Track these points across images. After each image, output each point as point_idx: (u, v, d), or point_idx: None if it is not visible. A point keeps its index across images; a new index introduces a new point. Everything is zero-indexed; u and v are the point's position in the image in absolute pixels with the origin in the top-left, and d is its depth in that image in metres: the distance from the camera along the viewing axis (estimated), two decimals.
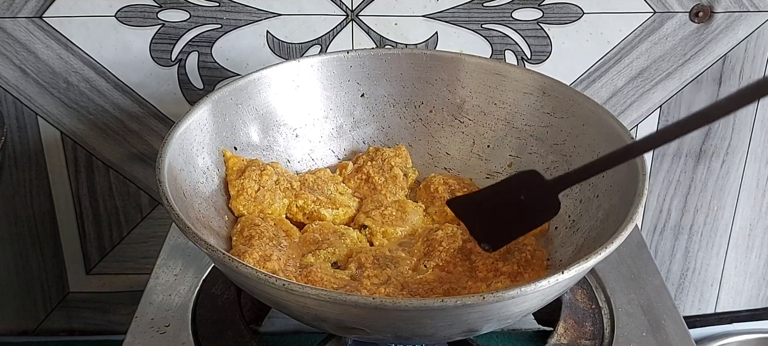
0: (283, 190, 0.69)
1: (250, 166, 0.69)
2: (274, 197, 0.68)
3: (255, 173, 0.68)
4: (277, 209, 0.69)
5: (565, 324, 0.66)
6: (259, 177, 0.68)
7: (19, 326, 1.06)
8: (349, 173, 0.74)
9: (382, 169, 0.74)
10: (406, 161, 0.75)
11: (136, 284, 1.02)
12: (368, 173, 0.73)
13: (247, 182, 0.68)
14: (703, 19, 0.88)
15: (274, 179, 0.69)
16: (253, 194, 0.68)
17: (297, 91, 0.75)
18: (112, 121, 0.92)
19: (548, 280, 0.50)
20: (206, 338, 0.65)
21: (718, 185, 0.99)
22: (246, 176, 0.68)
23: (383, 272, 0.62)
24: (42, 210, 0.98)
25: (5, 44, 0.87)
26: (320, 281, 0.60)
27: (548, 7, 0.87)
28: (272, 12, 0.87)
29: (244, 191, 0.68)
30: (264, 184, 0.68)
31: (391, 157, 0.74)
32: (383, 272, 0.62)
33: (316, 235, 0.67)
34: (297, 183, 0.71)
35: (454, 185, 0.72)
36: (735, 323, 1.09)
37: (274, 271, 0.60)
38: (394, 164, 0.74)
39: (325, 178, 0.73)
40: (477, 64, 0.76)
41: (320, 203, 0.70)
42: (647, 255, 0.76)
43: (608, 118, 0.66)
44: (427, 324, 0.52)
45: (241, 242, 0.63)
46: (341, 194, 0.72)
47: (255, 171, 0.68)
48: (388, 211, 0.70)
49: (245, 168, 0.69)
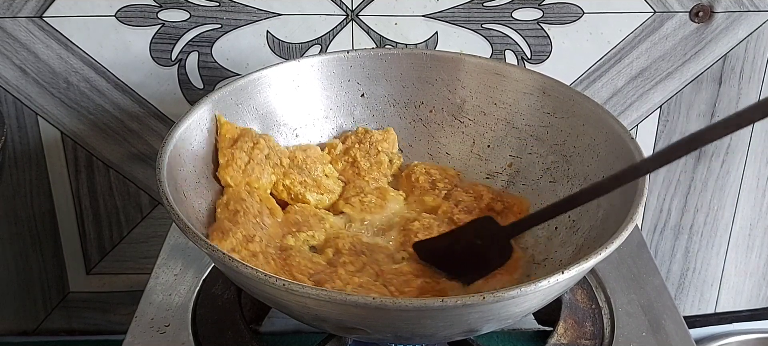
0: (272, 166, 0.69)
1: (242, 135, 0.68)
2: (263, 171, 0.68)
3: (247, 144, 0.68)
4: (263, 184, 0.68)
5: (565, 324, 0.66)
6: (250, 149, 0.68)
7: (19, 326, 1.06)
8: (338, 154, 0.75)
9: (369, 153, 0.74)
10: (393, 146, 0.76)
11: (136, 284, 1.02)
12: (355, 157, 0.74)
13: (238, 153, 0.67)
14: (703, 19, 0.88)
15: (265, 153, 0.69)
16: (243, 166, 0.67)
17: (297, 91, 0.75)
18: (112, 121, 0.92)
19: (548, 280, 0.50)
20: (206, 338, 0.65)
21: (718, 184, 0.99)
22: (238, 147, 0.67)
23: (359, 259, 0.62)
24: (42, 210, 0.98)
25: (5, 44, 0.87)
26: (297, 265, 0.61)
27: (548, 7, 0.87)
28: (272, 12, 0.87)
29: (234, 161, 0.67)
30: (254, 157, 0.68)
31: (379, 141, 0.75)
32: (359, 259, 0.62)
33: (298, 216, 0.67)
34: (287, 160, 0.71)
35: (435, 174, 0.73)
36: (735, 323, 1.09)
37: (256, 252, 0.60)
38: (381, 149, 0.75)
39: (314, 157, 0.73)
40: (477, 64, 0.76)
41: (306, 186, 0.70)
42: (647, 255, 0.76)
43: (608, 118, 0.66)
44: (427, 324, 0.52)
45: (227, 217, 0.63)
46: (327, 177, 0.73)
47: (247, 142, 0.68)
48: (368, 198, 0.70)
49: (238, 138, 0.68)
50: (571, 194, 0.59)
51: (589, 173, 0.66)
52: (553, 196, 0.69)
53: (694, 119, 0.94)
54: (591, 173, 0.66)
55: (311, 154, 0.73)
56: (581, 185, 0.67)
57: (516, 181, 0.73)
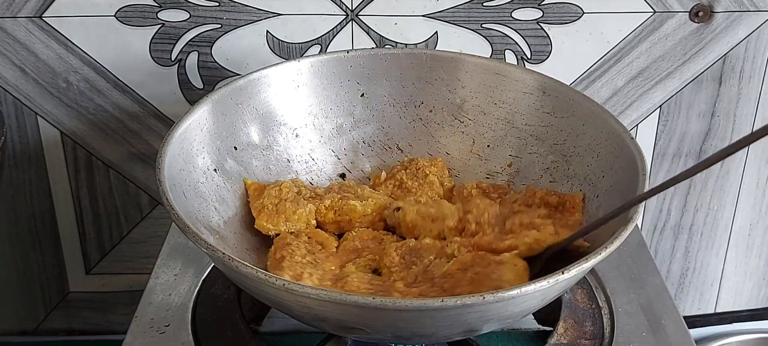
0: (307, 198, 0.68)
1: (269, 186, 0.69)
2: (297, 205, 0.67)
3: (274, 189, 0.68)
4: (303, 215, 0.67)
5: (565, 324, 0.66)
6: (278, 192, 0.68)
7: (19, 326, 1.06)
8: (382, 181, 0.73)
9: (416, 176, 0.73)
10: (443, 171, 0.74)
11: (136, 284, 1.02)
12: (401, 180, 0.73)
13: (267, 199, 0.67)
14: (703, 18, 0.88)
15: (295, 191, 0.68)
16: (274, 207, 0.66)
17: (297, 91, 0.75)
18: (112, 121, 0.92)
19: (548, 280, 0.50)
20: (206, 338, 0.65)
21: (718, 184, 0.99)
22: (266, 194, 0.68)
23: (410, 271, 0.60)
24: (42, 210, 0.98)
25: (5, 44, 0.87)
26: (357, 289, 0.58)
27: (548, 6, 0.87)
28: (272, 12, 0.87)
29: (265, 207, 0.66)
30: (285, 196, 0.67)
31: (426, 166, 0.73)
32: (410, 272, 0.60)
33: (356, 242, 0.66)
34: (321, 190, 0.70)
35: (487, 187, 0.71)
36: (735, 323, 1.09)
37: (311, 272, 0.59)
38: (429, 173, 0.73)
39: (352, 185, 0.72)
40: (477, 63, 0.76)
41: (348, 197, 0.68)
42: (647, 255, 0.76)
43: (608, 118, 0.66)
44: (426, 324, 0.52)
45: (272, 266, 0.61)
46: (369, 193, 0.71)
47: (274, 188, 0.68)
48: (423, 199, 0.69)
49: (265, 188, 0.69)
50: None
51: (589, 173, 0.66)
52: None
53: (694, 119, 0.94)
54: (591, 172, 0.66)
55: (348, 184, 0.72)
56: (581, 184, 0.67)
57: (516, 181, 0.73)
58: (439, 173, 0.74)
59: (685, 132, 0.95)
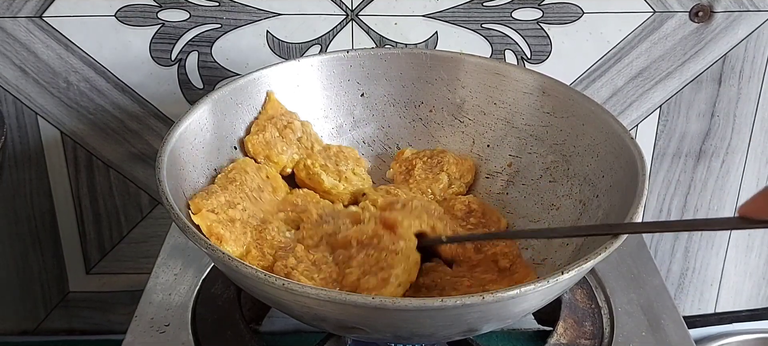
0: (301, 147, 0.70)
1: (282, 114, 0.71)
2: (286, 148, 0.69)
3: (282, 121, 0.70)
4: (284, 160, 0.70)
5: (565, 324, 0.66)
6: (282, 127, 0.70)
7: (19, 325, 1.06)
8: (403, 158, 0.74)
9: (431, 167, 0.72)
10: (464, 175, 0.73)
11: (136, 284, 1.02)
12: (414, 164, 0.73)
13: (270, 127, 0.69)
14: (703, 18, 0.88)
15: (297, 135, 0.70)
16: (268, 139, 0.69)
17: (297, 91, 0.75)
18: (112, 121, 0.92)
19: (548, 280, 0.50)
20: (206, 338, 0.65)
21: (718, 184, 0.99)
22: (272, 122, 0.70)
23: (319, 229, 0.63)
24: (42, 210, 0.98)
25: (5, 44, 0.87)
26: (269, 240, 0.61)
27: (548, 6, 0.87)
28: (272, 12, 0.87)
29: (264, 132, 0.69)
30: (285, 135, 0.70)
31: (449, 163, 0.72)
32: (318, 230, 0.63)
33: (298, 200, 0.67)
34: (318, 147, 0.72)
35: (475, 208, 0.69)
36: (735, 323, 1.09)
37: (234, 219, 0.61)
38: (446, 169, 0.72)
39: (349, 154, 0.73)
40: (477, 63, 0.76)
41: (326, 170, 0.70)
42: (647, 255, 0.76)
43: (608, 118, 0.66)
44: (426, 324, 0.52)
45: (221, 183, 0.64)
46: (355, 175, 0.72)
47: (282, 120, 0.70)
48: (416, 197, 0.68)
49: (277, 115, 0.70)
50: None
51: (589, 173, 0.66)
52: (553, 196, 0.69)
53: (694, 119, 0.94)
54: (590, 172, 0.66)
55: (347, 153, 0.73)
56: (581, 184, 0.67)
57: (515, 181, 0.73)
58: (457, 171, 0.72)
59: (685, 132, 0.95)
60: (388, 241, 0.58)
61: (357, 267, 0.58)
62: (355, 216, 0.64)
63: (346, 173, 0.71)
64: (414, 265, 0.58)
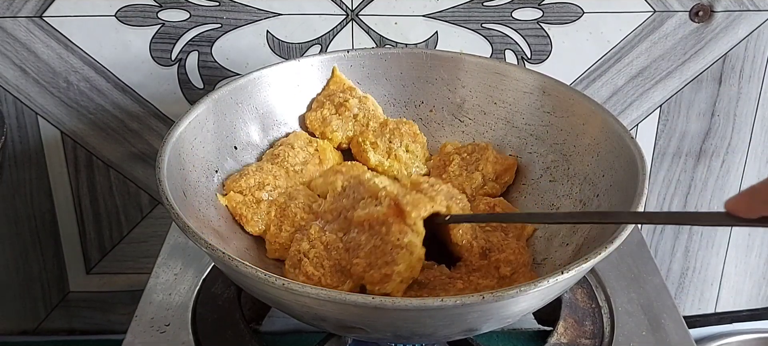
0: (356, 123, 0.73)
1: (343, 90, 0.73)
2: (342, 126, 0.72)
3: (341, 97, 0.72)
4: (338, 136, 0.72)
5: (565, 323, 0.66)
6: (339, 104, 0.72)
7: (19, 325, 1.06)
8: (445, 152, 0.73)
9: (468, 165, 0.71)
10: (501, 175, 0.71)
11: (136, 284, 1.02)
12: (451, 158, 0.72)
13: (327, 104, 0.72)
14: (703, 18, 0.88)
15: (353, 112, 0.72)
16: (325, 115, 0.72)
17: (297, 91, 0.75)
18: (112, 120, 0.92)
19: (548, 280, 0.50)
20: (206, 338, 0.65)
21: (718, 184, 0.99)
22: (331, 99, 0.72)
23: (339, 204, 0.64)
24: (42, 210, 0.98)
25: (5, 44, 0.87)
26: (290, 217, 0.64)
27: (548, 6, 0.87)
28: (272, 12, 0.87)
29: (321, 108, 0.72)
30: (342, 113, 0.72)
31: (487, 162, 0.70)
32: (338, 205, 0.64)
33: (343, 169, 0.69)
34: (375, 124, 0.73)
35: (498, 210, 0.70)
36: (735, 322, 1.09)
37: (260, 200, 0.65)
38: (482, 168, 0.70)
39: (406, 131, 0.73)
40: (477, 63, 0.76)
41: (375, 147, 0.71)
42: (647, 255, 0.76)
43: (608, 117, 0.66)
44: (426, 323, 0.52)
45: (267, 156, 0.69)
46: (408, 153, 0.72)
47: (342, 96, 0.72)
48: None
49: (338, 91, 0.73)
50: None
51: (589, 173, 0.66)
52: (553, 195, 0.69)
53: (694, 119, 0.94)
54: (591, 172, 0.66)
55: (405, 129, 0.73)
56: (581, 184, 0.67)
57: (516, 180, 0.72)
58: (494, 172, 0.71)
59: (685, 132, 0.95)
60: (396, 232, 0.58)
61: (364, 258, 0.58)
62: (373, 190, 0.63)
63: (396, 150, 0.72)
64: (417, 261, 0.58)
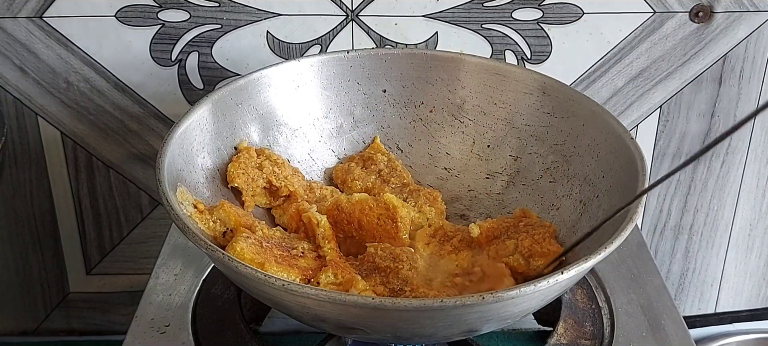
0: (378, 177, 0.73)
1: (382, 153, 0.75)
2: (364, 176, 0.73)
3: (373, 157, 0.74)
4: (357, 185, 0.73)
5: (565, 324, 0.66)
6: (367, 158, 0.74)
7: (19, 326, 1.06)
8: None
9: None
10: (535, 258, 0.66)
11: (136, 284, 1.02)
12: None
13: (358, 159, 0.74)
14: (703, 19, 0.88)
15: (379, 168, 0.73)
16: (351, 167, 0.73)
17: (297, 91, 0.75)
18: (112, 121, 0.92)
19: (548, 280, 0.50)
20: (206, 338, 0.65)
21: (718, 184, 0.99)
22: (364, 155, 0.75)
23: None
24: (42, 210, 0.98)
25: (5, 44, 0.87)
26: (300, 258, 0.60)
27: (548, 7, 0.87)
28: (272, 12, 0.87)
29: (351, 162, 0.74)
30: (367, 166, 0.73)
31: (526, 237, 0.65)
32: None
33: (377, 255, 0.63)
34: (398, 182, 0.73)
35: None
36: (735, 323, 1.09)
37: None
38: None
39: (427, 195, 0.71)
40: (477, 64, 0.76)
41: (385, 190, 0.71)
42: (647, 255, 0.76)
43: (608, 118, 0.66)
44: (426, 324, 0.52)
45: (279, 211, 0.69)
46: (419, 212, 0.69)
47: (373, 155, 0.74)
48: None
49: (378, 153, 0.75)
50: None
51: (589, 173, 0.66)
52: (553, 196, 0.69)
53: (694, 119, 0.94)
54: (591, 172, 0.66)
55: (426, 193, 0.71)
56: (581, 185, 0.67)
57: (516, 181, 0.73)
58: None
59: (685, 132, 0.95)
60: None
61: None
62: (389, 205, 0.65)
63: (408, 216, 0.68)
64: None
